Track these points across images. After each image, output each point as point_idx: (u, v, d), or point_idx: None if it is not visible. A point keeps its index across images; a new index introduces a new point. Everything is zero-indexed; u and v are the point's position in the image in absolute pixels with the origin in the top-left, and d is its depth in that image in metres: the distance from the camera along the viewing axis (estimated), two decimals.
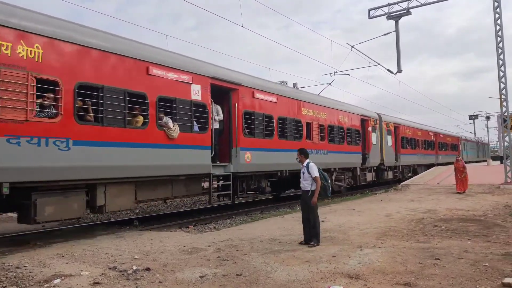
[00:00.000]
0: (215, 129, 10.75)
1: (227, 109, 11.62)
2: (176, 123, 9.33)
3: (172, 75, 9.40)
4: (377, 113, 21.82)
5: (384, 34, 21.09)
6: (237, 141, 11.44)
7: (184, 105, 9.62)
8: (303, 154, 7.54)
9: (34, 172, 6.83)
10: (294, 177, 12.41)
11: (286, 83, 15.86)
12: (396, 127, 23.79)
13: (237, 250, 6.72)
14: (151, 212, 13.71)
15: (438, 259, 5.82)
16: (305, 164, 7.35)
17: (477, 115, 53.15)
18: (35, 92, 6.84)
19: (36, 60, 6.92)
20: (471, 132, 61.13)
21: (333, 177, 16.56)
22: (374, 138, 20.21)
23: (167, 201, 13.13)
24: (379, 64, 22.48)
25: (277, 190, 15.67)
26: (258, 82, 12.85)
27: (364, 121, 19.52)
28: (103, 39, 8.19)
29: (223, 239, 7.69)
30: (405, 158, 24.71)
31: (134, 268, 5.47)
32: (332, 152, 16.15)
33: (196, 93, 10.02)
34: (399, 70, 20.88)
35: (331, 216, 10.63)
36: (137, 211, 13.53)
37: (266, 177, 13.18)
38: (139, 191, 8.97)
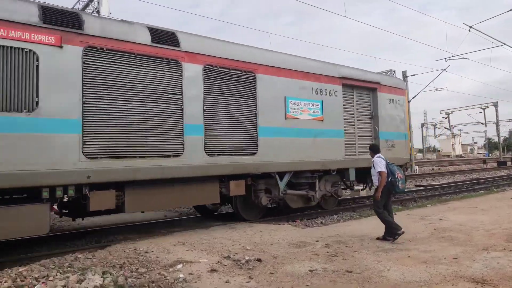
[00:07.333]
0: None
1: None
2: None
3: None
4: None
5: (510, 10, 18.52)
6: None
7: None
8: (371, 150, 7.57)
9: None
10: None
11: (394, 72, 15.05)
12: None
13: (346, 246, 6.58)
14: None
15: None
16: (372, 159, 7.31)
17: None
18: None
19: None
20: None
21: None
22: None
23: None
24: (504, 44, 19.88)
25: None
26: None
27: None
28: None
29: (330, 235, 7.61)
30: None
31: (247, 258, 5.73)
32: None
33: None
34: None
35: (450, 214, 9.74)
36: None
37: None
38: None
